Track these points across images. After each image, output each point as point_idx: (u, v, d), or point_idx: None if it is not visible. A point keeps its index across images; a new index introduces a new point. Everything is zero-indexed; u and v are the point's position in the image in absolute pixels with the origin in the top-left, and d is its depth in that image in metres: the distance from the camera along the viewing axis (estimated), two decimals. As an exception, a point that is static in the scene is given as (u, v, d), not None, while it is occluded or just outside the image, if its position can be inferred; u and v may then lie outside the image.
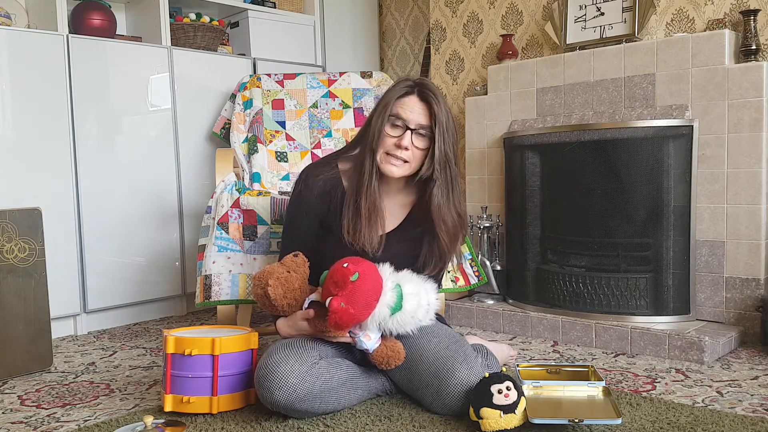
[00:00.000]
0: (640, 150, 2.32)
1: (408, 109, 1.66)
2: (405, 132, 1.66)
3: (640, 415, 1.59)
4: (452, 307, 2.74)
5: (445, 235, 1.73)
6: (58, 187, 2.64)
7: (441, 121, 1.66)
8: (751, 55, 2.26)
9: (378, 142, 1.67)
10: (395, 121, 1.67)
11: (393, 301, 1.56)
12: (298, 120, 2.90)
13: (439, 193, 1.71)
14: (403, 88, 1.69)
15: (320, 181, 1.75)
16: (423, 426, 1.55)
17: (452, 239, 1.74)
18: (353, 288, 1.51)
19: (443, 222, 1.72)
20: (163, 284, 2.98)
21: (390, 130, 1.67)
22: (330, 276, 1.57)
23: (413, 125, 1.66)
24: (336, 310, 1.50)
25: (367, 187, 1.69)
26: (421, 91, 1.69)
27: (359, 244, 1.69)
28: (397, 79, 1.77)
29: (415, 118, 1.66)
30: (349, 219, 1.70)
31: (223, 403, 1.66)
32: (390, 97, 1.69)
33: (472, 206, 2.96)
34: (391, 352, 1.63)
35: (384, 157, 1.67)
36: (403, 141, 1.65)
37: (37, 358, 2.14)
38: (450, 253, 1.76)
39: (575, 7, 2.67)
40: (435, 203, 1.71)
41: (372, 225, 1.70)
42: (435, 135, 1.66)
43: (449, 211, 1.72)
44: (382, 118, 1.67)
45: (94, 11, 2.86)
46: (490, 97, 2.88)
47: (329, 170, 1.78)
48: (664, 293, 2.32)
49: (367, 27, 3.86)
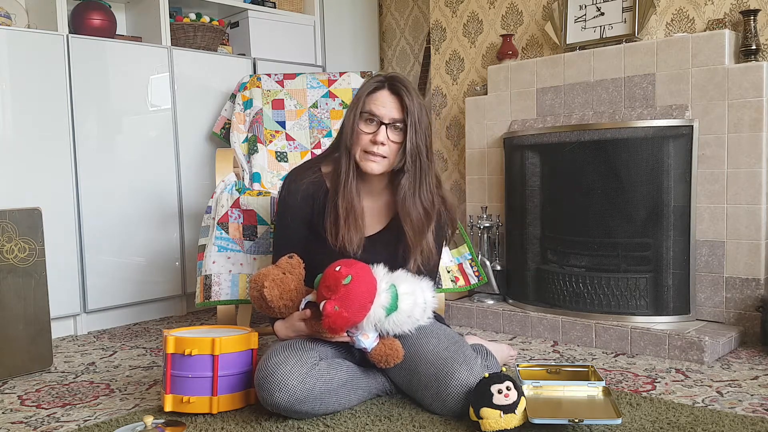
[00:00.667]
0: (640, 150, 2.32)
1: (380, 104, 1.66)
2: (379, 127, 1.65)
3: (640, 415, 1.59)
4: (452, 307, 2.74)
5: (409, 228, 1.70)
6: (58, 187, 2.64)
7: (413, 113, 1.64)
8: (751, 55, 2.26)
9: (353, 140, 1.67)
10: (368, 117, 1.66)
11: (388, 302, 1.55)
12: (298, 120, 2.90)
13: (406, 185, 1.68)
14: (373, 84, 1.68)
15: (303, 185, 1.75)
16: (423, 426, 1.55)
17: (416, 233, 1.70)
18: (346, 291, 1.50)
19: (408, 215, 1.69)
20: (163, 284, 2.98)
21: (364, 126, 1.66)
22: (323, 280, 1.56)
23: (387, 120, 1.65)
24: (329, 314, 1.49)
25: (344, 187, 1.68)
26: (392, 84, 1.67)
27: (340, 246, 1.69)
28: (368, 77, 1.75)
29: (387, 112, 1.65)
30: (331, 221, 1.70)
31: (223, 403, 1.66)
32: (361, 93, 1.69)
33: (472, 206, 2.96)
34: (390, 350, 1.63)
35: (362, 155, 1.67)
36: (378, 136, 1.64)
37: (37, 358, 2.14)
38: (415, 247, 1.71)
39: (575, 7, 2.67)
40: (400, 195, 1.69)
41: (350, 225, 1.68)
42: (407, 127, 1.65)
43: (414, 204, 1.69)
44: (354, 116, 1.67)
45: (94, 11, 2.86)
46: (490, 97, 2.88)
47: (312, 174, 1.77)
48: (664, 293, 2.32)
49: (367, 27, 3.85)
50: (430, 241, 1.74)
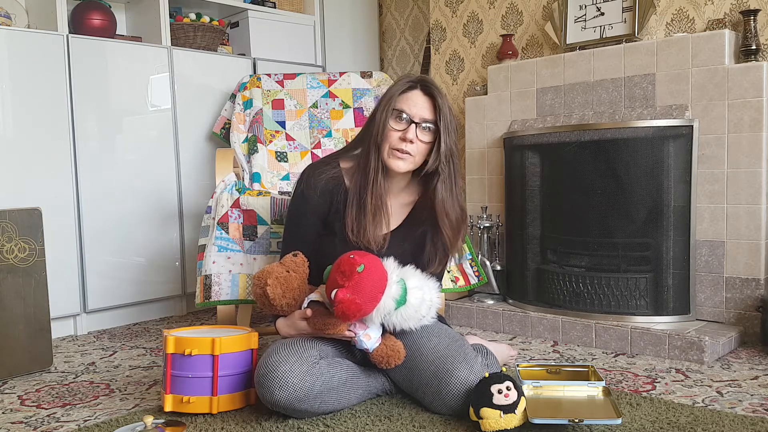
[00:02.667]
0: (640, 150, 2.32)
1: (412, 104, 1.68)
2: (410, 126, 1.67)
3: (640, 415, 1.59)
4: (452, 307, 2.74)
5: (448, 229, 1.74)
6: (58, 187, 2.64)
7: (445, 115, 1.68)
8: (751, 55, 2.26)
9: (383, 137, 1.68)
10: (399, 115, 1.67)
11: (398, 294, 1.56)
12: (298, 120, 2.90)
13: (442, 188, 1.72)
14: (406, 83, 1.71)
15: (322, 180, 1.75)
16: (423, 426, 1.55)
17: (455, 233, 1.75)
18: (359, 278, 1.51)
19: (447, 216, 1.73)
20: (163, 284, 2.98)
21: (394, 124, 1.68)
22: (336, 266, 1.56)
23: (417, 119, 1.67)
24: (342, 300, 1.49)
25: (373, 183, 1.69)
26: (424, 85, 1.70)
27: (363, 242, 1.70)
28: (399, 77, 1.78)
29: (419, 111, 1.67)
30: (352, 217, 1.71)
31: (223, 403, 1.66)
32: (393, 92, 1.71)
33: (472, 206, 2.96)
34: (391, 351, 1.63)
35: (390, 152, 1.68)
36: (408, 134, 1.66)
37: (37, 358, 2.13)
38: (453, 247, 1.77)
39: (575, 7, 2.67)
40: (439, 197, 1.72)
41: (377, 222, 1.70)
42: (440, 128, 1.68)
43: (453, 205, 1.74)
44: (386, 113, 1.68)
45: (94, 11, 2.86)
46: (490, 97, 2.88)
47: (331, 169, 1.78)
48: (664, 293, 2.32)
49: (367, 27, 3.85)
50: (461, 241, 1.81)
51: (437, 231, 1.75)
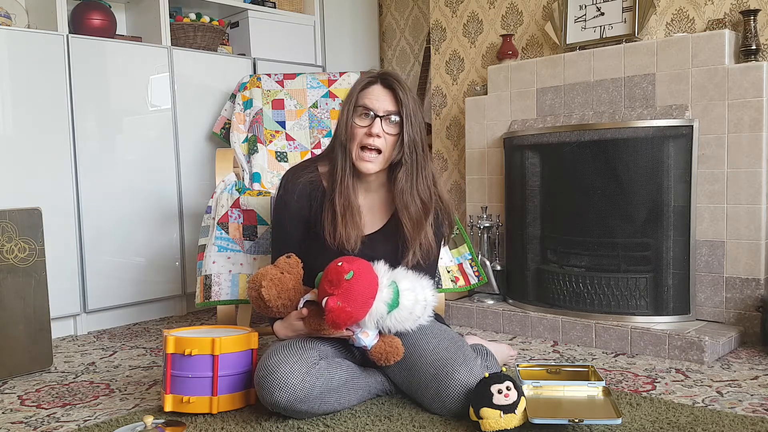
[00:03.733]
0: (640, 150, 2.32)
1: (374, 98, 1.67)
2: (374, 120, 1.66)
3: (640, 415, 1.59)
4: (452, 307, 2.74)
5: (407, 221, 1.71)
6: (58, 187, 2.64)
7: (407, 106, 1.67)
8: (751, 55, 2.26)
9: (348, 136, 1.68)
10: (363, 111, 1.67)
11: (390, 298, 1.55)
12: (298, 120, 2.90)
13: (403, 178, 1.70)
14: (366, 79, 1.71)
15: (300, 184, 1.75)
16: (423, 426, 1.55)
17: (414, 226, 1.71)
18: (348, 286, 1.51)
19: (405, 208, 1.70)
20: (163, 284, 2.98)
21: (359, 120, 1.68)
22: (324, 275, 1.56)
23: (381, 112, 1.66)
24: (332, 309, 1.49)
25: (340, 184, 1.69)
26: (384, 79, 1.70)
27: (338, 244, 1.69)
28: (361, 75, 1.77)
29: (381, 105, 1.67)
30: (328, 219, 1.71)
31: (223, 403, 1.66)
32: (354, 89, 1.71)
33: (472, 206, 2.96)
34: (390, 348, 1.63)
35: (358, 154, 1.68)
36: (374, 128, 1.65)
37: (37, 358, 2.13)
38: (414, 240, 1.71)
39: (575, 7, 2.67)
40: (398, 188, 1.70)
41: (348, 222, 1.69)
42: (402, 119, 1.66)
43: (412, 197, 1.70)
44: (348, 111, 1.68)
45: (94, 11, 2.86)
46: (490, 97, 2.88)
47: (309, 173, 1.78)
48: (664, 293, 2.32)
49: (367, 27, 3.85)
50: (429, 234, 1.74)
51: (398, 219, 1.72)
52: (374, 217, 1.78)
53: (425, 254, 1.74)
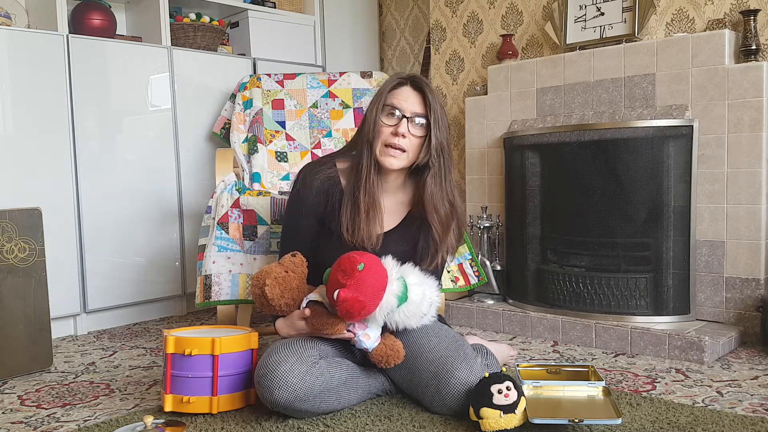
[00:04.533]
0: (640, 150, 2.32)
1: (402, 99, 1.69)
2: (401, 121, 1.67)
3: (640, 415, 1.59)
4: (452, 307, 2.74)
5: (437, 224, 1.73)
6: (58, 187, 2.64)
7: (435, 110, 1.69)
8: (751, 55, 2.26)
9: (375, 134, 1.69)
10: (391, 110, 1.69)
11: (399, 291, 1.56)
12: (298, 120, 2.90)
13: (432, 182, 1.72)
14: (396, 80, 1.73)
15: (318, 180, 1.76)
16: (423, 426, 1.55)
17: (444, 229, 1.74)
18: (361, 277, 1.51)
19: (435, 211, 1.73)
20: (163, 284, 2.98)
21: (386, 120, 1.69)
22: (337, 265, 1.56)
23: (409, 113, 1.67)
24: (346, 298, 1.49)
25: (366, 181, 1.70)
26: (414, 81, 1.72)
27: (358, 241, 1.70)
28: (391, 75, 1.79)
29: (410, 106, 1.68)
30: (347, 216, 1.71)
31: (223, 403, 1.66)
32: (384, 89, 1.72)
33: (472, 206, 2.96)
34: (391, 350, 1.63)
35: (382, 150, 1.69)
36: (400, 128, 1.67)
37: (37, 358, 2.13)
38: (443, 243, 1.75)
39: (575, 7, 2.67)
40: (428, 192, 1.72)
41: (370, 221, 1.70)
42: (430, 122, 1.68)
43: (442, 200, 1.73)
44: (377, 110, 1.70)
45: (94, 11, 2.86)
46: (490, 97, 2.88)
47: (327, 169, 1.78)
48: (664, 293, 2.32)
49: (367, 27, 3.85)
50: (452, 238, 1.78)
51: (427, 223, 1.75)
52: (389, 217, 1.79)
53: (449, 255, 1.80)
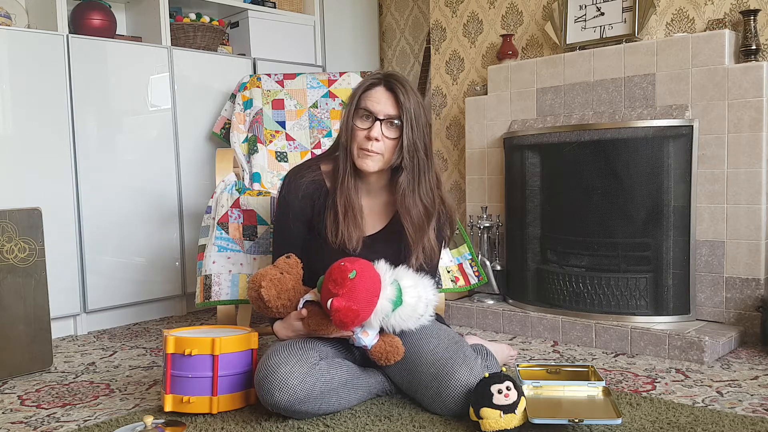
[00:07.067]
0: (640, 150, 2.32)
1: (375, 101, 1.66)
2: (374, 123, 1.65)
3: (640, 415, 1.59)
4: (452, 307, 2.74)
5: (408, 225, 1.70)
6: (58, 187, 2.64)
7: (408, 110, 1.65)
8: (751, 55, 2.26)
9: (350, 137, 1.68)
10: (364, 113, 1.67)
11: (393, 295, 1.56)
12: (298, 120, 2.90)
13: (404, 182, 1.69)
14: (369, 81, 1.70)
15: (303, 184, 1.75)
16: (423, 426, 1.55)
17: (416, 230, 1.70)
18: (353, 285, 1.50)
19: (407, 212, 1.70)
20: (163, 284, 2.98)
21: (360, 123, 1.67)
22: (328, 275, 1.56)
23: (381, 116, 1.65)
24: (339, 308, 1.49)
25: (341, 184, 1.69)
26: (387, 81, 1.68)
27: (339, 243, 1.69)
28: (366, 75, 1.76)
29: (382, 108, 1.65)
30: (330, 219, 1.71)
31: (223, 403, 1.66)
32: (357, 90, 1.70)
33: (472, 206, 2.96)
34: (390, 347, 1.63)
35: (358, 152, 1.67)
36: (373, 132, 1.64)
37: (37, 358, 2.13)
38: (416, 244, 1.71)
39: (575, 7, 2.67)
40: (399, 192, 1.70)
41: (349, 222, 1.69)
42: (403, 123, 1.65)
43: (414, 201, 1.69)
44: (350, 113, 1.68)
45: (94, 11, 2.86)
46: (490, 97, 2.88)
47: (312, 172, 1.78)
48: (664, 293, 2.32)
49: (367, 27, 3.85)
50: (431, 239, 1.73)
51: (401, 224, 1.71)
52: (375, 219, 1.78)
53: (428, 258, 1.75)
